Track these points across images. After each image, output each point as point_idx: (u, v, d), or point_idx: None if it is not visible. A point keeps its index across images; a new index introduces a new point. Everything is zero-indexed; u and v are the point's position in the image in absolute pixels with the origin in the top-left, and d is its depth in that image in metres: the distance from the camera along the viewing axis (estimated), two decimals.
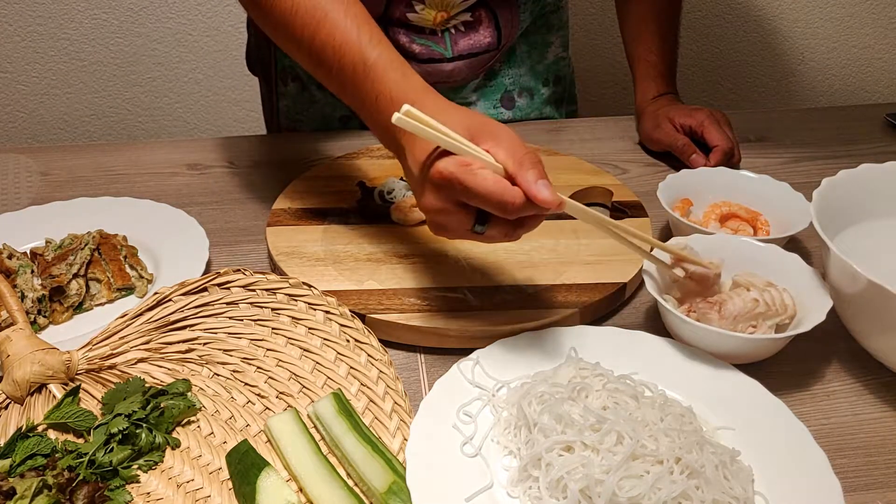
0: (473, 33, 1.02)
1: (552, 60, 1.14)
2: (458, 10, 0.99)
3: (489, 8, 1.01)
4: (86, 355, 0.66)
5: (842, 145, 1.08)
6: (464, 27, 1.01)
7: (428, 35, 1.01)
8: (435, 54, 1.02)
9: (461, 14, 1.00)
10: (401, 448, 0.58)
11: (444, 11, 0.98)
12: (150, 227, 0.86)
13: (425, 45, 1.01)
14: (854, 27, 1.66)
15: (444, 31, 1.01)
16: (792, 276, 0.69)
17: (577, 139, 1.09)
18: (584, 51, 1.64)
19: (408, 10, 0.98)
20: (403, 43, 1.01)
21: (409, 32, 1.01)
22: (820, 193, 0.70)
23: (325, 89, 1.08)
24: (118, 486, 0.56)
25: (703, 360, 0.65)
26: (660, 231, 0.87)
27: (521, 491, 0.55)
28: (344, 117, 1.12)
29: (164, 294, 0.70)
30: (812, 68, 1.71)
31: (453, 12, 0.99)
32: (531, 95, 1.14)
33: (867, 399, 0.66)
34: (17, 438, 0.58)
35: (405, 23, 1.00)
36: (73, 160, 1.03)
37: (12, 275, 0.76)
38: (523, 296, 0.74)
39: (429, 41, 1.01)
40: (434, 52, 1.02)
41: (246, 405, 0.63)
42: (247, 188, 0.97)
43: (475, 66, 1.05)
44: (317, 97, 1.11)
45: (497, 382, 0.63)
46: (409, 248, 0.81)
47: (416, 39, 1.01)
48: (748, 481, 0.55)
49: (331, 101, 1.11)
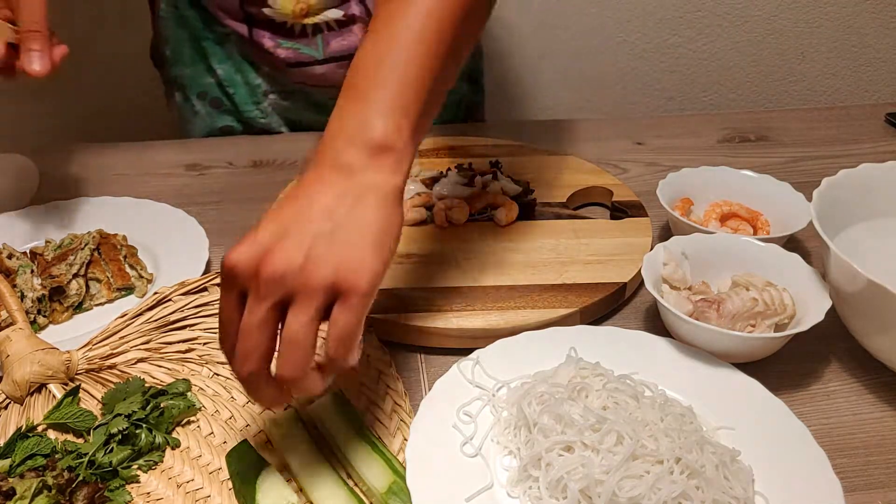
0: (347, 33, 0.98)
1: None
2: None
3: (362, 2, 0.97)
4: (86, 355, 0.66)
5: (842, 145, 1.08)
6: (336, 25, 0.97)
7: (297, 37, 0.98)
8: (303, 57, 0.99)
9: (330, 11, 0.96)
10: (401, 448, 0.58)
11: (303, 1, 0.94)
12: (150, 227, 0.86)
13: (292, 49, 0.98)
14: (855, 27, 1.66)
15: (317, 32, 0.98)
16: (792, 276, 0.69)
17: (576, 139, 1.09)
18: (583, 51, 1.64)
19: (262, 4, 0.95)
20: (268, 47, 0.98)
21: (275, 35, 0.98)
22: (820, 193, 0.70)
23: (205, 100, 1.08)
24: (118, 486, 0.56)
25: (703, 360, 0.65)
26: (660, 230, 0.87)
27: (521, 491, 0.55)
28: (226, 127, 1.11)
29: (164, 294, 0.70)
30: (812, 68, 1.71)
31: (313, 1, 0.94)
32: None
33: (867, 399, 0.66)
34: (16, 438, 0.58)
35: (269, 21, 0.97)
36: (73, 160, 1.03)
37: (12, 275, 0.76)
38: (523, 296, 0.74)
39: (297, 43, 0.98)
40: (302, 54, 0.99)
41: (246, 405, 0.63)
42: (247, 188, 0.97)
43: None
44: (197, 108, 1.09)
45: (497, 382, 0.63)
46: (409, 248, 0.81)
47: (282, 43, 0.98)
48: (748, 481, 0.55)
49: (210, 111, 1.09)
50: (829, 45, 1.68)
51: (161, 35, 1.07)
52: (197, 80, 1.07)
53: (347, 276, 0.47)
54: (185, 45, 1.05)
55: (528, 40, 1.63)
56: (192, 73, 1.07)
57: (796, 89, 1.74)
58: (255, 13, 0.97)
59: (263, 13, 0.96)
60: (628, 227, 0.84)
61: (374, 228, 0.49)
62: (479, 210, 0.86)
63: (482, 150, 1.00)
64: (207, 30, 1.03)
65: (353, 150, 0.52)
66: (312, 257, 0.47)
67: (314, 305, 0.47)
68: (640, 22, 1.61)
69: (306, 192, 0.51)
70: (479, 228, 0.85)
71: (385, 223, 0.50)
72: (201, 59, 1.06)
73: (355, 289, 0.47)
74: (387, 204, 0.51)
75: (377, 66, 0.54)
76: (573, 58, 1.65)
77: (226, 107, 1.09)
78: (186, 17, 1.03)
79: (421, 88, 0.54)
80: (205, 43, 1.04)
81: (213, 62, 1.05)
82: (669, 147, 1.07)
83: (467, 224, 0.85)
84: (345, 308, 0.47)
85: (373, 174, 0.51)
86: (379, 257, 0.48)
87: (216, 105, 1.09)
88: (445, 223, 0.85)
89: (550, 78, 1.68)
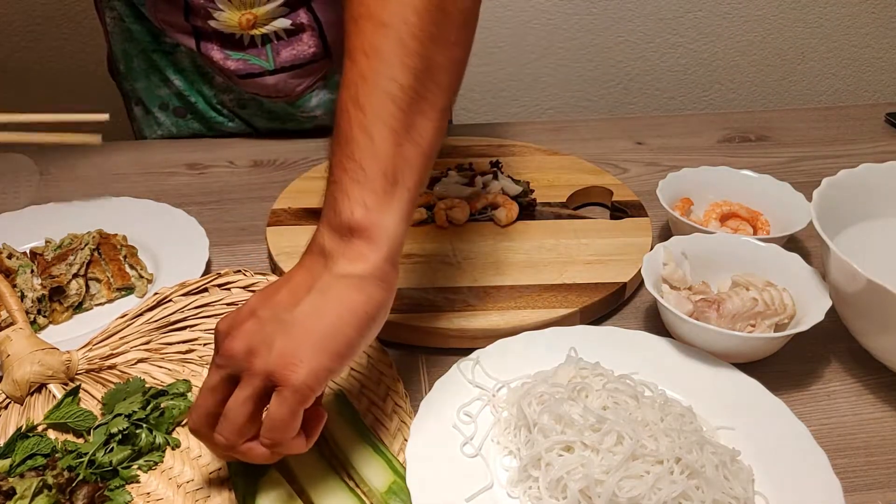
0: (296, 42, 0.96)
1: None
2: (265, 8, 0.92)
3: (311, 11, 0.95)
4: (86, 355, 0.66)
5: (842, 145, 1.08)
6: (285, 34, 0.95)
7: (247, 49, 0.96)
8: (254, 68, 0.97)
9: (278, 20, 0.94)
10: (401, 448, 0.58)
11: (249, 12, 0.92)
12: (150, 227, 0.85)
13: (242, 59, 0.97)
14: (854, 27, 1.66)
15: (266, 42, 0.96)
16: (792, 276, 0.69)
17: (577, 139, 1.09)
18: (583, 51, 1.64)
19: (207, 17, 0.93)
20: (217, 59, 0.97)
21: (224, 48, 0.96)
22: (820, 193, 0.70)
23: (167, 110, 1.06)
24: (118, 486, 0.56)
25: (703, 359, 0.65)
26: (660, 230, 0.87)
27: (521, 491, 0.55)
28: (194, 135, 1.09)
29: (165, 294, 0.70)
30: (812, 68, 1.71)
31: (260, 12, 0.93)
32: None
33: (867, 399, 0.66)
34: (16, 438, 0.58)
35: (217, 33, 0.95)
36: (73, 160, 1.03)
37: (12, 275, 0.76)
38: (523, 296, 0.74)
39: (247, 55, 0.97)
40: (252, 65, 0.97)
41: None
42: (247, 188, 0.97)
43: (303, 77, 1.00)
44: (161, 119, 1.08)
45: (497, 382, 0.63)
46: (410, 247, 0.81)
47: (232, 55, 0.96)
48: (748, 481, 0.55)
49: (175, 120, 1.08)
50: (829, 45, 1.68)
51: (112, 49, 1.05)
52: (154, 91, 1.05)
53: (283, 370, 0.48)
54: (137, 58, 1.03)
55: (527, 40, 1.63)
56: (148, 86, 1.05)
57: (796, 89, 1.74)
58: (201, 26, 0.95)
59: (210, 25, 0.94)
60: (628, 227, 0.84)
61: (327, 323, 0.49)
62: (479, 210, 0.86)
63: (482, 150, 1.00)
64: (156, 42, 1.01)
65: (328, 235, 0.52)
66: (258, 343, 0.49)
67: (251, 387, 0.49)
68: (640, 22, 1.61)
69: (289, 274, 0.53)
70: (479, 228, 0.85)
71: (344, 317, 0.49)
72: (155, 72, 1.04)
73: (287, 383, 0.48)
74: (351, 293, 0.50)
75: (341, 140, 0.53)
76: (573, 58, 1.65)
77: (190, 115, 1.08)
78: (133, 31, 1.01)
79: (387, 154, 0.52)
80: (154, 55, 1.02)
81: (168, 73, 1.03)
82: (669, 147, 1.07)
83: (467, 224, 0.85)
84: (278, 399, 0.48)
85: (345, 262, 0.51)
86: (324, 354, 0.48)
87: (180, 114, 1.07)
88: (445, 223, 0.85)
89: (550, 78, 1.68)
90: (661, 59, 1.66)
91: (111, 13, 1.02)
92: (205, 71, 1.03)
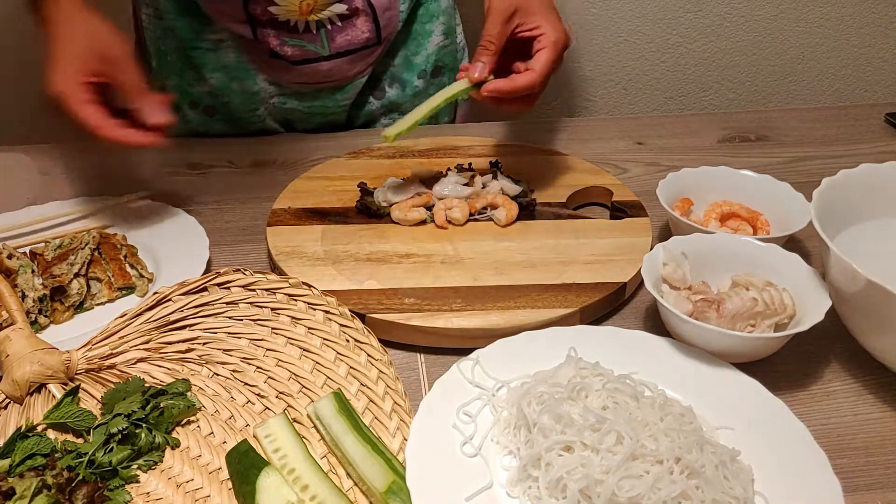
0: (350, 27, 0.98)
1: (432, 51, 1.09)
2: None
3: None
4: (85, 355, 0.66)
5: (842, 145, 1.08)
6: (340, 21, 0.97)
7: (301, 34, 0.98)
8: (309, 54, 0.99)
9: (335, 5, 0.96)
10: (401, 448, 0.58)
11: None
12: (150, 227, 0.86)
13: (298, 46, 0.98)
14: (855, 27, 1.66)
15: (320, 28, 0.97)
16: (791, 276, 0.69)
17: (577, 139, 1.09)
18: (583, 51, 1.64)
19: (268, 4, 0.95)
20: (274, 46, 0.98)
21: (280, 34, 0.97)
22: (820, 193, 0.70)
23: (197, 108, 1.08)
24: (118, 486, 0.56)
25: (703, 359, 0.65)
26: (660, 230, 0.87)
27: (520, 491, 0.55)
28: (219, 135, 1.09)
29: (164, 294, 0.70)
30: (813, 67, 1.71)
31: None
32: (403, 87, 1.10)
33: (867, 399, 0.66)
34: (16, 438, 0.58)
35: (272, 20, 0.96)
36: (73, 160, 1.03)
37: (12, 275, 0.76)
38: (523, 296, 0.73)
39: (302, 40, 0.98)
40: (308, 51, 0.99)
41: (246, 405, 0.63)
42: (247, 188, 0.97)
43: (357, 62, 1.02)
44: (189, 117, 1.09)
45: (497, 382, 0.63)
46: (409, 248, 0.81)
47: (288, 41, 0.97)
48: (748, 481, 0.55)
49: (203, 119, 1.09)
50: (829, 45, 1.68)
51: (144, 46, 1.06)
52: (186, 89, 1.06)
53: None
54: (171, 55, 1.04)
55: None
56: (180, 83, 1.06)
57: (796, 89, 1.74)
58: (258, 13, 0.96)
59: (269, 12, 0.95)
60: (628, 227, 0.84)
61: None
62: (478, 210, 0.86)
63: (482, 150, 1.00)
64: (196, 39, 1.02)
65: None
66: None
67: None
68: (641, 22, 1.61)
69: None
70: (479, 228, 0.85)
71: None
72: (190, 69, 1.04)
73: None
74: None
75: None
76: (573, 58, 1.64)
77: (220, 114, 1.08)
78: (173, 28, 1.02)
79: None
80: (194, 52, 1.03)
81: (206, 71, 1.04)
82: (670, 147, 1.07)
83: (467, 224, 0.85)
84: None
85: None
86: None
87: (209, 112, 1.08)
88: (445, 223, 0.85)
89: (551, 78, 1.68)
90: (661, 59, 1.66)
91: (147, 10, 1.03)
92: (249, 68, 1.03)
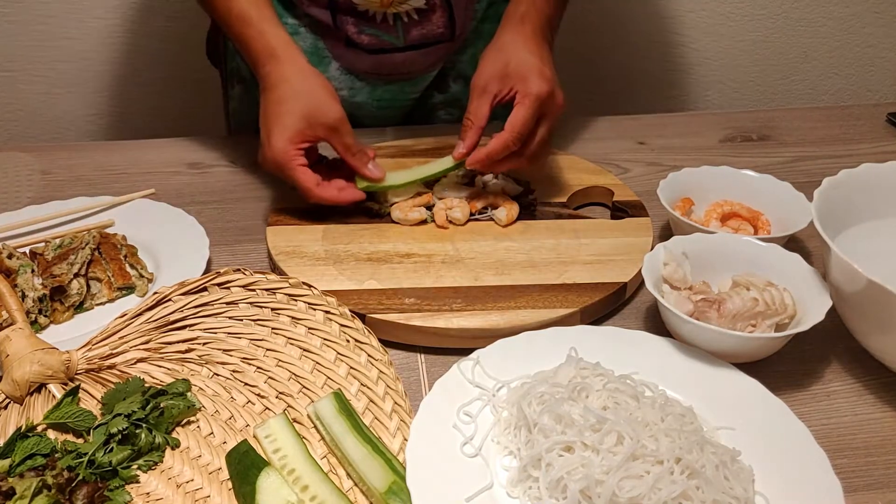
0: (426, 21, 0.99)
1: None
2: None
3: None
4: (85, 355, 0.66)
5: (843, 145, 1.07)
6: (417, 14, 0.98)
7: (378, 24, 0.98)
8: (385, 44, 0.99)
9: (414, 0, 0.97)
10: (401, 448, 0.58)
11: None
12: (150, 227, 0.86)
13: (374, 35, 0.99)
14: (857, 26, 1.66)
15: (397, 20, 0.98)
16: (792, 276, 0.69)
17: (577, 138, 1.09)
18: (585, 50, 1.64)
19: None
20: (351, 33, 0.99)
21: (359, 22, 0.98)
22: (821, 193, 0.70)
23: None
24: (118, 486, 0.56)
25: (703, 359, 0.65)
26: (660, 230, 0.87)
27: (521, 491, 0.55)
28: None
29: (164, 294, 0.70)
30: (814, 67, 1.70)
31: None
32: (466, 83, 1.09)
33: (867, 399, 0.66)
34: (16, 438, 0.58)
35: (352, 9, 0.97)
36: (73, 159, 1.03)
37: (12, 275, 0.76)
38: (523, 296, 0.73)
39: (378, 30, 0.99)
40: (384, 41, 0.99)
41: (246, 405, 0.63)
42: (247, 188, 0.97)
43: (430, 56, 1.03)
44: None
45: (497, 382, 0.63)
46: (409, 248, 0.81)
47: (365, 29, 0.98)
48: (748, 481, 0.55)
49: None
50: (831, 44, 1.68)
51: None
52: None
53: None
54: None
55: None
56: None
57: (798, 89, 1.73)
58: (343, 2, 0.97)
59: (350, 1, 0.96)
60: (629, 227, 0.84)
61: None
62: (479, 210, 0.86)
63: None
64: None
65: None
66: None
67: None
68: (641, 22, 1.61)
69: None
70: (479, 228, 0.85)
71: None
72: None
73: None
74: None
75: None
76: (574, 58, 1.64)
77: None
78: None
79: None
80: None
81: None
82: (671, 147, 1.07)
83: (467, 224, 0.85)
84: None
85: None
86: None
87: None
88: (445, 223, 0.85)
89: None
90: (662, 59, 1.66)
91: None
92: (324, 55, 1.03)
